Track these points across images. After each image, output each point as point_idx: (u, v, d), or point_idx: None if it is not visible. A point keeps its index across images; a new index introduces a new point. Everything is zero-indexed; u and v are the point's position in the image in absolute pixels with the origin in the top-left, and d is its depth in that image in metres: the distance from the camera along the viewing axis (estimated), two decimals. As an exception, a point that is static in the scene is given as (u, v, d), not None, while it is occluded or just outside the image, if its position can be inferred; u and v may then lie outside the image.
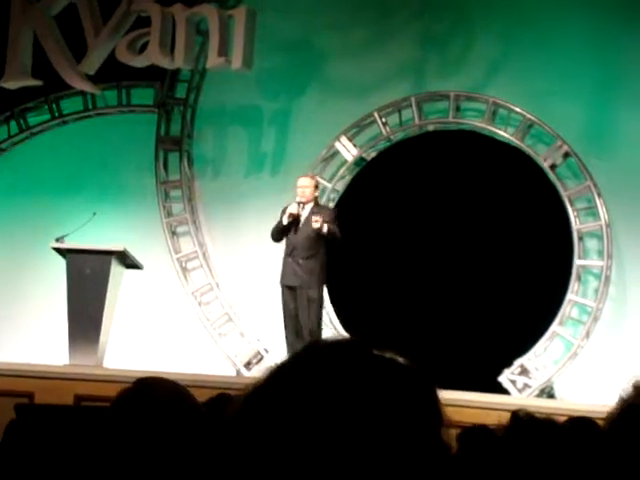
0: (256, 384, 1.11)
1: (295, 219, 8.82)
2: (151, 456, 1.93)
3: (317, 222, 8.65)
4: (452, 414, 1.19)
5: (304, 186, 8.92)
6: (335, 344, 1.11)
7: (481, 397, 7.81)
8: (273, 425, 1.05)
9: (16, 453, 4.05)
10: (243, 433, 1.06)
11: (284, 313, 8.89)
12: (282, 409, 1.05)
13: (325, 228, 8.69)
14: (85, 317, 8.83)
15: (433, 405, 1.09)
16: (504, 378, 9.49)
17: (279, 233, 8.94)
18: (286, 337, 8.90)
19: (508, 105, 9.95)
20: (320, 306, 8.92)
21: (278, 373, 1.09)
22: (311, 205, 8.92)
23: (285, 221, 8.82)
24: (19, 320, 10.58)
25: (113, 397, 2.15)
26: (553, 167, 9.81)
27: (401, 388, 1.06)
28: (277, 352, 9.72)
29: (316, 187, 9.05)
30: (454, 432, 1.20)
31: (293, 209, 8.83)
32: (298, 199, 8.88)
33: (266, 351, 10.22)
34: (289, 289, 8.85)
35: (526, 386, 9.47)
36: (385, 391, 1.05)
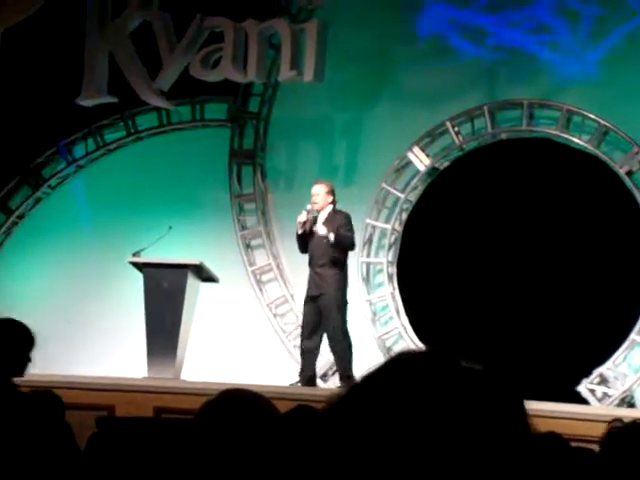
0: (339, 396, 1.12)
1: (310, 228, 8.76)
2: (238, 467, 1.96)
3: (322, 229, 8.60)
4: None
5: (316, 193, 8.87)
6: (420, 355, 1.11)
7: (560, 407, 7.72)
8: (359, 438, 1.05)
9: (98, 465, 4.12)
10: (329, 445, 1.07)
11: (302, 323, 9.00)
12: (369, 421, 1.05)
13: (331, 236, 8.60)
14: (163, 330, 8.91)
15: (522, 416, 1.09)
16: (583, 388, 9.38)
17: (298, 243, 8.92)
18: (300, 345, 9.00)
19: (582, 112, 9.85)
20: (341, 313, 8.73)
21: (363, 385, 1.09)
22: (329, 211, 8.85)
23: (299, 230, 8.80)
24: (98, 334, 10.72)
25: (191, 409, 2.17)
26: (630, 174, 9.68)
27: (491, 399, 1.07)
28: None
29: (330, 193, 8.89)
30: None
31: (301, 217, 8.79)
32: (308, 207, 8.83)
33: (342, 362, 10.20)
34: (311, 299, 8.80)
35: (605, 395, 9.34)
36: (475, 402, 1.05)
